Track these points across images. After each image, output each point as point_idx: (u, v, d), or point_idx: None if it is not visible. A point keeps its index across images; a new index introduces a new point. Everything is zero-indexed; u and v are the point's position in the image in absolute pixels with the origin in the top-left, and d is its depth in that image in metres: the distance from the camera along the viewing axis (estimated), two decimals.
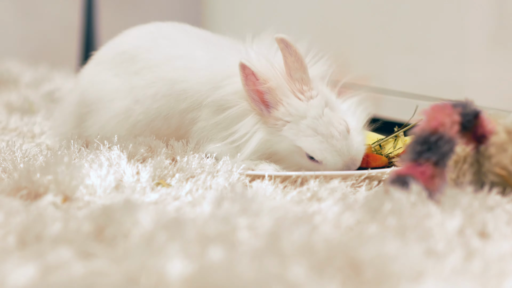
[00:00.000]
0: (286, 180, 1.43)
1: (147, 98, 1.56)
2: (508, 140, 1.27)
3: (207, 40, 1.60)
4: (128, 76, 1.58)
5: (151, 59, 1.58)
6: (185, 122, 1.56)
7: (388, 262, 0.93)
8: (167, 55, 1.57)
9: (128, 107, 1.57)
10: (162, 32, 1.62)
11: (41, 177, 1.29)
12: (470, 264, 0.97)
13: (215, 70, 1.54)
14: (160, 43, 1.59)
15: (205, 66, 1.55)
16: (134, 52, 1.60)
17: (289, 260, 0.92)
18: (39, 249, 0.97)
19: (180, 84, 1.55)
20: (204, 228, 1.02)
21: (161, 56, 1.57)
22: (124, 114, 1.57)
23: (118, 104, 1.58)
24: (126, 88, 1.58)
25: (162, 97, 1.55)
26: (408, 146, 1.22)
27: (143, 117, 1.57)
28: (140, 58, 1.59)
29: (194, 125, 1.55)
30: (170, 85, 1.55)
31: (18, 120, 2.08)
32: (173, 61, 1.56)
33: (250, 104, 1.50)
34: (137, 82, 1.57)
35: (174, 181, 1.40)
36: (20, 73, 2.88)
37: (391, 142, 1.67)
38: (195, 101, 1.54)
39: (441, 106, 1.24)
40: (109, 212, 1.06)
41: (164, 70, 1.56)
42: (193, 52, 1.57)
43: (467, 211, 1.14)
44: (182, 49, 1.58)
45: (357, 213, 1.15)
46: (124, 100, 1.58)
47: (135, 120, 1.57)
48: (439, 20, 1.99)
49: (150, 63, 1.57)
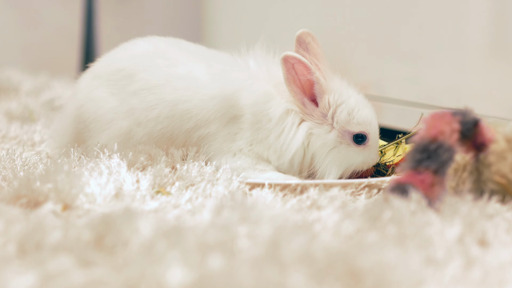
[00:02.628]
0: (286, 188, 1.43)
1: (149, 120, 1.55)
2: (507, 149, 1.27)
3: (205, 56, 1.60)
4: (126, 96, 1.57)
5: (150, 79, 1.57)
6: (192, 140, 1.55)
7: (388, 270, 0.93)
8: (166, 75, 1.57)
9: (130, 129, 1.56)
10: (160, 50, 1.61)
11: (41, 185, 1.29)
12: (470, 272, 0.97)
13: (221, 85, 1.54)
14: (159, 63, 1.58)
15: (207, 83, 1.55)
16: (131, 70, 1.58)
17: (289, 269, 0.92)
18: (39, 257, 0.97)
19: (183, 105, 1.54)
20: (204, 236, 1.02)
21: (160, 77, 1.57)
22: (125, 135, 1.57)
23: (118, 124, 1.57)
24: (125, 109, 1.57)
25: (165, 119, 1.55)
26: (408, 154, 1.22)
27: (147, 138, 1.56)
28: (139, 78, 1.57)
29: (204, 141, 1.55)
30: (172, 106, 1.54)
31: (18, 128, 2.08)
32: (173, 82, 1.56)
33: (293, 99, 1.52)
34: (138, 104, 1.56)
35: (174, 189, 1.40)
36: (21, 82, 2.88)
37: (393, 149, 1.67)
38: (201, 119, 1.54)
39: (440, 114, 1.24)
40: (109, 221, 1.06)
41: (165, 91, 1.55)
42: (193, 70, 1.57)
43: (466, 219, 1.14)
44: (182, 68, 1.57)
45: (356, 221, 1.15)
46: (124, 121, 1.56)
47: (138, 142, 1.56)
48: (439, 28, 1.99)
49: (149, 84, 1.57)
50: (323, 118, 1.53)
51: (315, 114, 1.53)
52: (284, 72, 1.50)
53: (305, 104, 1.52)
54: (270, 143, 1.54)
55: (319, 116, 1.53)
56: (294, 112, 1.53)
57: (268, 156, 1.54)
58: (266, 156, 1.55)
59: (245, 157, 1.54)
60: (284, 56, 1.49)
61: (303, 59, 1.48)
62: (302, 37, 1.54)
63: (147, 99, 1.56)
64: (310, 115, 1.53)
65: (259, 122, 1.53)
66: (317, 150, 1.54)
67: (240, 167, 1.53)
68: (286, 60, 1.49)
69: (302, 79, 1.51)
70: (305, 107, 1.53)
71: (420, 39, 2.05)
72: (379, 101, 2.17)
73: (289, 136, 1.53)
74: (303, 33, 1.54)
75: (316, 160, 1.54)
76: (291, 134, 1.53)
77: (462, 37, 1.94)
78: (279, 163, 1.54)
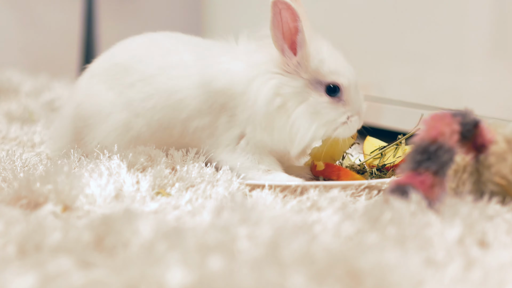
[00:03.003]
0: (286, 190, 1.43)
1: (147, 111, 1.56)
2: (507, 150, 1.27)
3: (198, 45, 1.61)
4: (123, 88, 1.58)
5: (144, 70, 1.57)
6: (189, 131, 1.55)
7: (388, 271, 0.93)
8: (160, 65, 1.57)
9: (128, 120, 1.57)
10: (154, 42, 1.62)
11: (41, 186, 1.29)
12: (470, 273, 0.97)
13: (206, 72, 1.54)
14: (153, 53, 1.59)
15: (194, 70, 1.55)
16: (127, 63, 1.59)
17: (289, 270, 0.92)
18: (39, 259, 0.97)
19: (176, 94, 1.55)
20: (204, 237, 1.02)
21: (154, 67, 1.57)
22: (124, 127, 1.57)
23: (116, 117, 1.57)
24: (123, 101, 1.57)
25: (161, 109, 1.55)
26: (408, 156, 1.22)
27: (146, 129, 1.56)
28: (134, 70, 1.58)
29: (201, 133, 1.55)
30: (166, 96, 1.55)
31: (18, 129, 2.08)
32: (167, 71, 1.56)
33: (274, 43, 1.50)
34: (135, 95, 1.57)
35: (174, 190, 1.40)
36: (21, 83, 2.88)
37: (393, 150, 1.67)
38: (194, 109, 1.54)
39: (440, 115, 1.24)
40: (109, 222, 1.06)
41: (160, 81, 1.56)
42: (184, 58, 1.57)
43: (466, 221, 1.14)
44: (174, 57, 1.58)
45: (357, 223, 1.15)
46: (122, 113, 1.57)
47: (137, 132, 1.57)
48: (439, 29, 1.99)
49: (144, 75, 1.57)
50: (298, 67, 1.51)
51: (291, 63, 1.51)
52: (271, 16, 1.48)
53: (284, 50, 1.51)
54: (255, 118, 1.52)
55: (295, 65, 1.51)
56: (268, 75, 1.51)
57: (262, 138, 1.53)
58: (261, 138, 1.53)
59: (246, 154, 1.54)
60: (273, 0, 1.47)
61: (292, 5, 1.46)
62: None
63: (144, 89, 1.57)
64: (285, 65, 1.51)
65: (241, 104, 1.52)
66: (288, 102, 1.51)
67: (242, 166, 1.52)
68: (275, 4, 1.47)
69: (285, 26, 1.49)
70: (284, 54, 1.51)
71: (420, 41, 2.05)
72: (379, 102, 2.18)
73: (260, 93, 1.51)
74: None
75: (289, 115, 1.51)
76: (260, 90, 1.50)
77: (462, 38, 1.94)
78: (272, 139, 1.53)
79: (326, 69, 1.50)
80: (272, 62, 1.52)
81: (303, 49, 1.50)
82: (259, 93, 1.50)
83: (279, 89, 1.50)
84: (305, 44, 1.49)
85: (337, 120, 1.52)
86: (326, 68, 1.51)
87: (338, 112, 1.52)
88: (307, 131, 1.50)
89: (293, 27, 1.49)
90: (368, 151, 1.71)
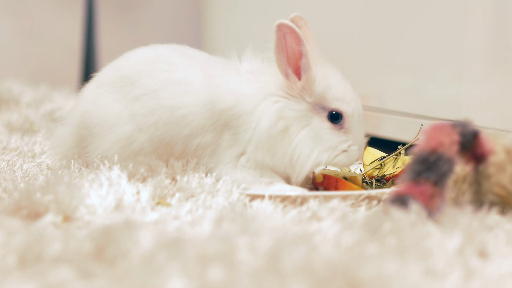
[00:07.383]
0: (286, 200, 1.43)
1: (149, 126, 1.56)
2: (507, 160, 1.27)
3: (204, 61, 1.61)
4: (129, 102, 1.58)
5: (150, 84, 1.58)
6: (191, 148, 1.55)
7: (388, 282, 0.93)
8: (165, 80, 1.57)
9: (131, 134, 1.57)
10: (161, 56, 1.62)
11: (42, 196, 1.29)
12: (470, 284, 0.97)
13: (210, 90, 1.54)
14: (159, 68, 1.59)
15: (200, 88, 1.55)
16: (134, 76, 1.59)
17: (289, 280, 0.92)
18: (39, 269, 0.97)
19: (179, 111, 1.55)
20: (204, 248, 1.02)
21: (159, 82, 1.57)
22: (126, 140, 1.57)
23: (120, 129, 1.57)
24: (128, 114, 1.57)
25: (163, 125, 1.55)
26: (408, 166, 1.22)
27: (148, 144, 1.56)
28: (141, 83, 1.58)
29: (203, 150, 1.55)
30: (169, 112, 1.55)
31: (19, 139, 2.09)
32: (171, 87, 1.56)
33: (278, 67, 1.50)
34: (139, 110, 1.57)
35: (174, 200, 1.40)
36: (21, 93, 2.88)
37: (392, 161, 1.67)
38: (197, 126, 1.54)
39: (440, 126, 1.24)
40: (109, 232, 1.06)
41: (163, 97, 1.56)
42: (189, 75, 1.57)
43: (466, 231, 1.14)
44: (180, 73, 1.58)
45: (356, 233, 1.15)
46: (126, 126, 1.57)
47: (139, 147, 1.56)
48: (438, 40, 2.00)
49: (149, 89, 1.57)
50: (302, 91, 1.51)
51: (295, 88, 1.51)
52: (275, 40, 1.48)
53: (288, 75, 1.51)
54: (258, 140, 1.51)
55: (299, 89, 1.51)
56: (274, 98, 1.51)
57: (264, 159, 1.53)
58: (262, 158, 1.53)
59: (247, 169, 1.54)
60: (278, 23, 1.46)
61: (297, 30, 1.46)
62: (295, 20, 1.52)
63: (147, 104, 1.57)
64: (290, 88, 1.51)
65: (244, 124, 1.52)
66: (291, 126, 1.51)
67: (245, 181, 1.52)
68: (279, 28, 1.47)
69: (290, 50, 1.49)
70: (288, 78, 1.51)
71: (420, 51, 2.06)
72: (379, 113, 2.18)
73: (263, 117, 1.50)
74: (296, 17, 1.52)
75: (291, 139, 1.51)
76: (265, 113, 1.50)
77: (461, 48, 1.95)
78: (274, 162, 1.53)
79: (332, 96, 1.50)
80: (277, 84, 1.52)
81: (308, 73, 1.50)
82: (263, 116, 1.51)
83: (282, 112, 1.51)
84: (310, 68, 1.50)
85: (339, 147, 1.52)
86: (332, 95, 1.51)
87: (340, 139, 1.52)
88: (309, 156, 1.51)
89: (297, 51, 1.49)
90: (367, 161, 1.71)
